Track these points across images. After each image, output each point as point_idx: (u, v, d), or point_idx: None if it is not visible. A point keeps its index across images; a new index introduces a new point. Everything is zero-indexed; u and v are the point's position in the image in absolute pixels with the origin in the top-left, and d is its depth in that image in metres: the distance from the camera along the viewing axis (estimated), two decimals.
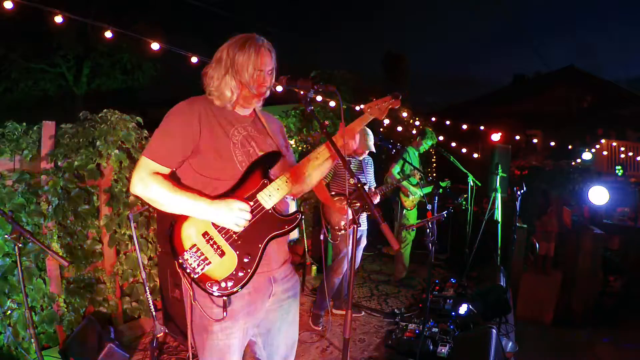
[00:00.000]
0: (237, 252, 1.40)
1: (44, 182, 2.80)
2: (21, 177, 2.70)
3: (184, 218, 1.41)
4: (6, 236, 2.54)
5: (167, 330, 2.82)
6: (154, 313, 2.69)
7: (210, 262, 1.38)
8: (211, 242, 1.40)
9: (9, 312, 2.60)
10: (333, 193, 3.41)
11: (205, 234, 1.40)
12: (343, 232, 3.38)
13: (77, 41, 13.06)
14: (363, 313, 3.89)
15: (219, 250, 1.39)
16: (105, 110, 3.06)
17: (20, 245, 1.87)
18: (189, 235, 1.40)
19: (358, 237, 3.58)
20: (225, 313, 1.39)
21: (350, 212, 1.39)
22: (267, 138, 1.60)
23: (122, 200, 3.09)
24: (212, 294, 1.38)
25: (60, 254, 2.83)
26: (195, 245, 1.39)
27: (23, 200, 2.69)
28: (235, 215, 1.37)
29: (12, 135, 2.72)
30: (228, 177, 1.45)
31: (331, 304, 3.81)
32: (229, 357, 1.46)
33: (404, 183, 4.39)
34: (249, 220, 1.40)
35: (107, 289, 3.11)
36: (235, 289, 1.38)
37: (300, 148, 5.42)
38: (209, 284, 1.37)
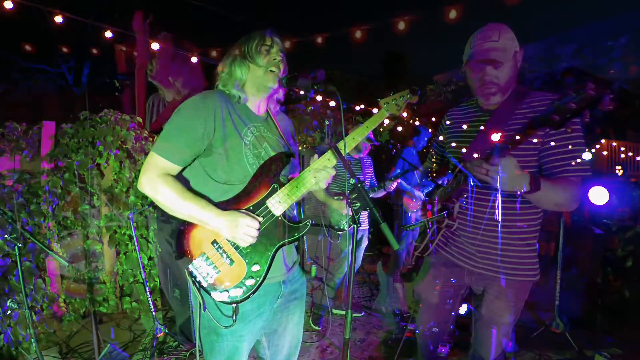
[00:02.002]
0: (246, 261, 1.38)
1: (44, 182, 2.80)
2: (21, 177, 2.70)
3: (192, 225, 1.38)
4: (6, 236, 2.55)
5: (167, 330, 2.83)
6: (154, 313, 2.70)
7: (219, 271, 1.36)
8: (220, 251, 1.37)
9: (9, 312, 2.60)
10: (333, 193, 3.41)
11: (214, 242, 1.38)
12: (343, 232, 3.38)
13: (77, 41, 13.06)
14: (363, 313, 3.90)
15: (228, 258, 1.37)
16: (105, 110, 3.06)
17: (20, 245, 1.87)
18: (198, 243, 1.37)
19: (359, 237, 3.58)
20: (234, 317, 1.38)
21: (349, 211, 1.38)
22: (280, 139, 1.55)
23: (122, 200, 3.09)
24: (221, 302, 1.36)
25: (61, 253, 2.84)
26: (204, 253, 1.37)
27: (23, 200, 2.70)
28: (241, 231, 1.32)
29: (12, 135, 2.72)
30: (238, 180, 1.41)
31: (331, 304, 3.81)
32: (237, 359, 1.46)
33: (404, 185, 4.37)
34: (256, 237, 1.36)
35: (107, 289, 3.11)
36: (244, 297, 1.36)
37: (300, 148, 5.42)
38: (218, 292, 1.35)
